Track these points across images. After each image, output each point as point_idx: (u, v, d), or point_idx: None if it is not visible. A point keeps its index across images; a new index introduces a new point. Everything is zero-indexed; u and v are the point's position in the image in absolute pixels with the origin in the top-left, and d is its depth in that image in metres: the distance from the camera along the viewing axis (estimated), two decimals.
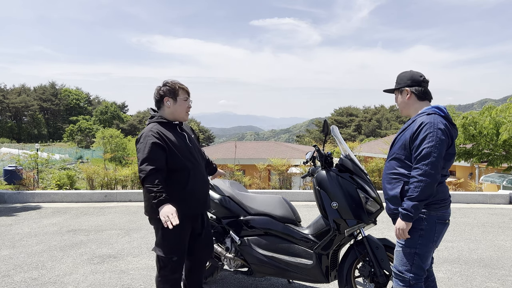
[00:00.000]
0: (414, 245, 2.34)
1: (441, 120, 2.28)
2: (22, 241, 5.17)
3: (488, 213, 7.18)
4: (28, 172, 9.59)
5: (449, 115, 2.38)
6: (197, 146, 2.87)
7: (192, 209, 2.71)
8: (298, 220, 3.29)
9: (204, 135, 57.86)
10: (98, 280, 3.77)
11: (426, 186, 2.20)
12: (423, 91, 2.43)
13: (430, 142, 2.21)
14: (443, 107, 2.39)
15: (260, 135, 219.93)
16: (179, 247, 2.66)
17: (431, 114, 2.32)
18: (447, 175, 2.42)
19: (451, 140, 2.30)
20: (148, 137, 2.54)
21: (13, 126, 74.87)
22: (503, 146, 10.69)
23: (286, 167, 9.69)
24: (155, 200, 2.41)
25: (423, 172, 2.20)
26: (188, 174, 2.64)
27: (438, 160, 2.20)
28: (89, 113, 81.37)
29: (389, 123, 60.57)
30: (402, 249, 2.39)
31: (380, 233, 5.55)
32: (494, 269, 4.15)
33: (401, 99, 2.51)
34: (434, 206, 2.32)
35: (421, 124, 2.28)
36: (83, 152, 42.84)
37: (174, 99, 2.69)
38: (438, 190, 2.32)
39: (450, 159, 2.35)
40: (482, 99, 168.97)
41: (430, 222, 2.32)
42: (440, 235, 2.38)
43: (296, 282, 3.63)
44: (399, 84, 2.50)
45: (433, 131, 2.23)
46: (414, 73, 2.47)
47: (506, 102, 11.17)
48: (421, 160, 2.22)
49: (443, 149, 2.23)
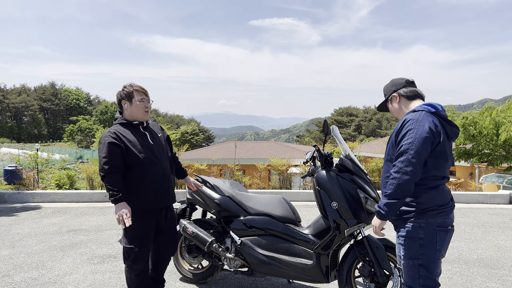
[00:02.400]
0: (416, 256, 2.20)
1: (427, 117, 2.17)
2: (22, 241, 5.17)
3: (488, 213, 7.18)
4: (28, 172, 9.58)
5: (442, 112, 2.26)
6: (161, 145, 2.99)
7: (152, 204, 2.86)
8: (298, 220, 3.29)
9: (204, 135, 57.86)
10: (98, 280, 3.77)
11: (400, 184, 2.10)
12: (410, 91, 2.39)
13: (409, 139, 2.12)
14: (436, 104, 2.28)
15: (260, 135, 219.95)
16: (139, 238, 2.82)
17: (417, 111, 2.24)
18: (445, 177, 2.25)
19: (439, 137, 2.16)
20: (106, 138, 2.75)
21: (13, 126, 74.88)
22: (503, 146, 10.69)
23: (286, 167, 9.69)
24: (112, 198, 2.65)
25: (398, 169, 2.11)
26: (146, 169, 2.80)
27: (415, 157, 2.08)
28: (89, 113, 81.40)
29: (389, 123, 60.58)
30: (405, 262, 2.27)
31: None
32: (494, 269, 4.15)
33: (393, 107, 2.46)
34: (432, 212, 2.18)
35: (404, 121, 2.21)
36: (83, 152, 42.86)
37: (130, 101, 2.86)
38: (434, 195, 2.19)
39: (442, 158, 2.19)
40: (482, 99, 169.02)
41: (429, 230, 2.18)
42: (443, 243, 2.22)
43: (296, 282, 3.63)
44: (386, 94, 2.50)
45: (414, 128, 2.13)
46: (395, 79, 2.48)
47: (506, 102, 11.17)
48: (398, 157, 2.15)
49: (424, 147, 2.10)
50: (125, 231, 2.83)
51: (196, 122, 67.95)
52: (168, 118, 75.71)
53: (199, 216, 3.82)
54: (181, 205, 3.81)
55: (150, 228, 2.89)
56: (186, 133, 43.72)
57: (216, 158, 12.74)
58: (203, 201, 3.53)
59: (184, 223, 3.53)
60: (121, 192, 2.67)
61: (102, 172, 2.70)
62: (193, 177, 3.67)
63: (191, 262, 3.70)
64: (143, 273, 2.90)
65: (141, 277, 2.89)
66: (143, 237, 2.84)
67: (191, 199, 3.64)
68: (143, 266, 2.87)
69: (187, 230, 3.46)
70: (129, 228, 2.76)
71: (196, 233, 3.41)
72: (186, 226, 3.49)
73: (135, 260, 2.82)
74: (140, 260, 2.83)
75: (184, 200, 3.82)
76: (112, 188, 2.66)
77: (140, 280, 2.89)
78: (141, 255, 2.83)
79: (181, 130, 43.92)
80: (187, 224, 3.51)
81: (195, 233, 3.41)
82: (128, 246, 2.81)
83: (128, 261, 2.84)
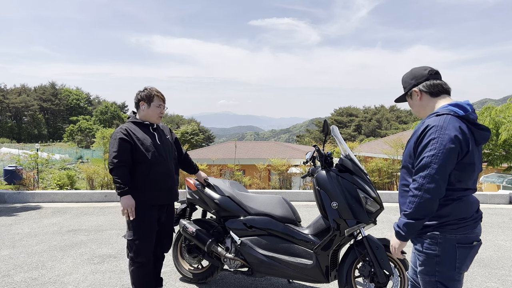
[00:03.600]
0: (433, 273, 1.97)
1: (453, 123, 1.87)
2: (22, 241, 5.17)
3: (488, 213, 7.17)
4: (28, 172, 9.58)
5: (472, 114, 1.94)
6: (168, 146, 3.16)
7: (154, 199, 3.02)
8: (298, 220, 3.29)
9: (204, 135, 57.87)
10: (98, 280, 3.77)
11: (422, 203, 1.86)
12: (434, 85, 2.05)
13: (431, 150, 1.84)
14: (465, 104, 1.94)
15: (260, 135, 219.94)
16: (142, 232, 2.96)
17: (442, 114, 1.92)
18: (469, 188, 1.97)
19: (467, 147, 1.87)
20: (117, 134, 2.94)
21: (13, 126, 74.88)
22: (503, 146, 10.68)
23: (286, 167, 9.69)
24: (119, 190, 2.84)
25: (419, 185, 1.87)
26: (150, 167, 2.97)
27: (439, 172, 1.83)
28: (89, 113, 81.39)
29: (389, 123, 60.58)
30: (422, 277, 2.04)
31: (380, 233, 5.55)
32: (494, 269, 4.15)
33: (413, 103, 2.14)
34: (451, 227, 1.91)
35: (426, 128, 1.90)
36: (83, 152, 42.84)
37: (149, 104, 3.06)
38: (456, 208, 1.92)
39: (468, 170, 1.92)
40: (482, 99, 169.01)
41: (446, 247, 1.92)
42: (465, 260, 1.94)
43: (296, 282, 3.63)
44: (405, 88, 2.16)
45: (438, 137, 1.84)
46: (416, 69, 2.13)
47: (506, 102, 11.16)
48: (419, 171, 1.89)
49: (450, 159, 1.83)
50: (128, 225, 2.99)
51: (196, 122, 67.95)
52: (168, 118, 75.74)
53: (199, 216, 3.82)
54: (181, 205, 3.81)
55: (153, 222, 3.03)
56: (186, 133, 43.72)
57: (216, 158, 12.74)
58: (203, 201, 3.53)
59: (184, 223, 3.53)
60: (127, 185, 2.86)
61: (111, 165, 2.87)
62: (193, 177, 3.67)
63: (191, 262, 3.70)
64: (145, 265, 3.03)
65: (142, 269, 3.02)
66: (146, 231, 2.98)
67: (191, 199, 3.64)
68: (145, 259, 3.01)
69: (187, 230, 3.46)
70: (133, 222, 2.93)
71: (196, 233, 3.41)
72: (186, 226, 3.49)
73: (137, 253, 2.97)
74: (142, 253, 2.98)
75: (184, 200, 3.82)
76: (119, 181, 2.85)
77: (141, 271, 3.02)
78: (144, 248, 2.97)
79: (181, 130, 43.94)
80: (187, 224, 3.51)
81: (195, 233, 3.41)
82: (130, 238, 2.97)
83: (131, 253, 2.99)
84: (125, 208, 2.85)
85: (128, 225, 3.00)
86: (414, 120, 17.90)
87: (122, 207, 2.86)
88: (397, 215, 6.83)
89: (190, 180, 3.64)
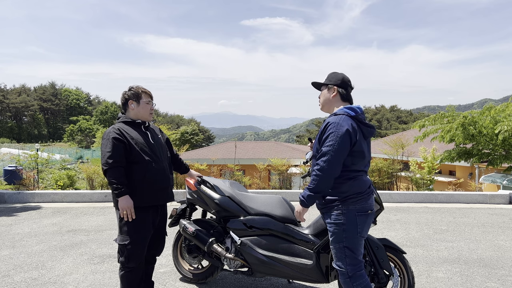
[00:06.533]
0: (341, 239, 2.50)
1: (347, 121, 2.46)
2: (22, 241, 5.17)
3: (488, 213, 7.18)
4: (28, 172, 9.59)
5: (361, 115, 2.55)
6: (161, 145, 3.12)
7: (152, 199, 2.95)
8: (298, 220, 3.29)
9: (204, 135, 57.86)
10: (98, 280, 3.77)
11: (321, 180, 2.42)
12: (347, 93, 2.65)
13: (330, 141, 2.42)
14: (356, 107, 2.57)
15: (260, 135, 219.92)
16: (135, 236, 2.86)
17: (339, 114, 2.51)
18: (361, 170, 2.56)
19: (355, 139, 2.46)
20: (110, 133, 2.87)
21: (13, 126, 74.89)
22: (503, 146, 10.68)
23: (286, 167, 9.69)
24: (116, 191, 2.76)
25: (320, 168, 2.43)
26: (146, 166, 2.90)
27: (335, 158, 2.40)
28: (89, 113, 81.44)
29: (389, 123, 60.58)
30: (333, 246, 2.55)
31: (380, 233, 5.56)
32: (494, 269, 4.15)
33: (326, 95, 2.68)
34: (351, 200, 2.48)
35: (327, 124, 2.50)
36: (83, 152, 42.83)
37: (137, 102, 3.01)
38: (353, 185, 2.49)
39: (358, 156, 2.51)
40: (482, 99, 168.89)
41: (349, 216, 2.48)
42: (364, 226, 2.51)
43: (296, 282, 3.63)
44: (330, 81, 2.68)
45: (335, 131, 2.42)
46: (346, 76, 2.68)
47: (510, 99, 11.14)
48: (321, 157, 2.45)
49: (344, 148, 2.41)
50: (121, 229, 2.89)
51: (196, 122, 67.98)
52: (168, 118, 75.73)
53: (199, 216, 3.82)
54: (181, 205, 3.80)
55: (148, 226, 2.94)
56: (186, 133, 43.73)
57: (216, 158, 12.74)
58: (203, 201, 3.53)
59: (184, 223, 3.53)
60: (124, 186, 2.78)
61: (105, 166, 2.78)
62: (186, 176, 3.67)
63: (191, 262, 3.70)
64: (136, 270, 2.94)
65: (133, 274, 2.94)
66: (140, 236, 2.89)
67: (191, 199, 3.64)
68: (137, 264, 2.92)
69: (187, 230, 3.46)
70: (126, 226, 2.84)
71: (196, 233, 3.41)
72: (186, 226, 3.49)
73: (128, 258, 2.87)
74: (134, 258, 2.88)
75: (184, 200, 3.82)
76: (115, 182, 2.76)
77: (131, 276, 2.94)
78: (136, 253, 2.88)
79: (181, 130, 43.93)
80: (187, 224, 3.50)
81: (195, 233, 3.41)
82: (122, 243, 2.86)
83: (122, 258, 2.89)
84: (124, 209, 2.77)
85: (121, 229, 2.88)
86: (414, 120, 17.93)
87: (121, 208, 2.77)
88: (397, 215, 6.84)
89: (190, 180, 3.63)
